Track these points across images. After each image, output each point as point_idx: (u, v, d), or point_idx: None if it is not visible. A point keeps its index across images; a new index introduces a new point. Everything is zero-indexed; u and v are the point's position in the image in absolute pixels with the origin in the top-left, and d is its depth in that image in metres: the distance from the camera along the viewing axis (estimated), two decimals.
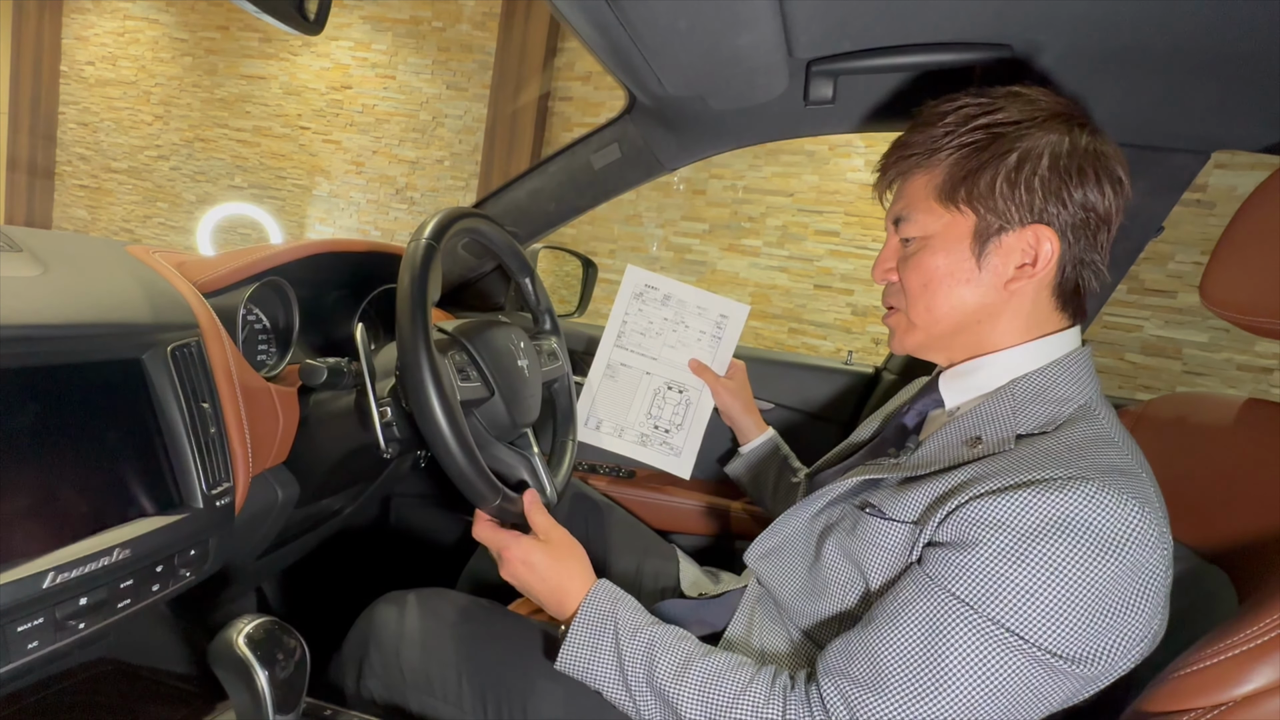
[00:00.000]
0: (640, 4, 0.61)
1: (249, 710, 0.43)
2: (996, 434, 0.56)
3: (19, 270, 0.51)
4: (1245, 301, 0.60)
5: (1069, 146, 0.56)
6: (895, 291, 0.66)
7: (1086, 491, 0.48)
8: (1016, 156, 0.57)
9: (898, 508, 0.56)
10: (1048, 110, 0.58)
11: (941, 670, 0.48)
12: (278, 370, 0.75)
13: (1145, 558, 0.47)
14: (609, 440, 0.99)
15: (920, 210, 0.61)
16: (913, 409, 0.68)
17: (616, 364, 0.99)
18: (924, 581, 0.51)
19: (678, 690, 0.56)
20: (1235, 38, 0.61)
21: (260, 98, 4.31)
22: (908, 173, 0.63)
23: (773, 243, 3.38)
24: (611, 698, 0.60)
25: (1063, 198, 0.56)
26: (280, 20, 0.50)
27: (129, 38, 4.55)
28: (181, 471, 0.56)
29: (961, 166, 0.58)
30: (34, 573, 0.44)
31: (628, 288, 0.98)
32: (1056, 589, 0.46)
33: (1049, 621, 0.47)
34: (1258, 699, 0.44)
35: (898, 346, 0.67)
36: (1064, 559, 0.47)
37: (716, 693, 0.55)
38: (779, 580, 0.67)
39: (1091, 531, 0.47)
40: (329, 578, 1.15)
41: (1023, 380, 0.59)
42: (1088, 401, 0.57)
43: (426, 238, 0.63)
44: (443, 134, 3.97)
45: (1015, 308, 0.60)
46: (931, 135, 0.60)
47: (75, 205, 4.84)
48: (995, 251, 0.58)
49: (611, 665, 0.60)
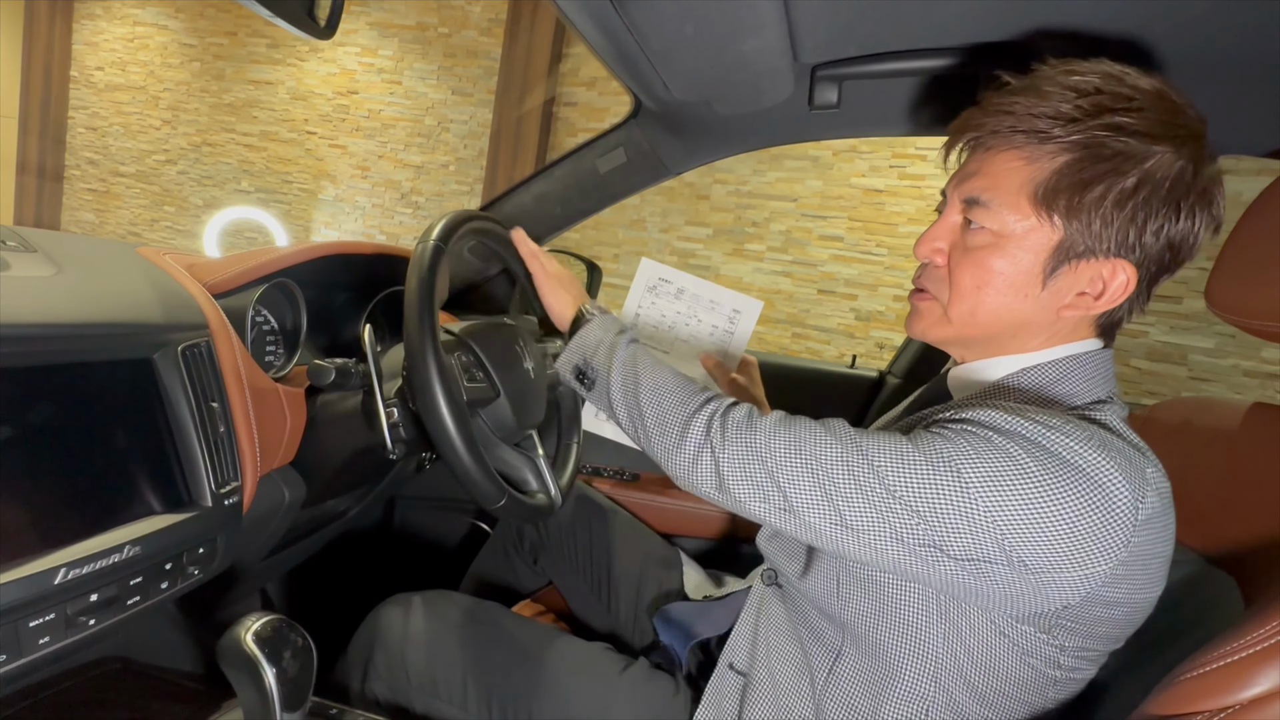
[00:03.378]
0: (647, 9, 0.62)
1: (256, 708, 0.43)
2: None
3: (33, 270, 0.52)
4: (1251, 306, 0.60)
5: (1191, 178, 0.49)
6: (937, 278, 0.58)
7: (1049, 422, 0.47)
8: (1137, 178, 0.49)
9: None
10: (1188, 129, 0.50)
11: (878, 452, 0.50)
12: (285, 371, 0.75)
13: (1105, 499, 0.45)
14: (617, 432, 0.99)
15: (1005, 203, 0.52)
16: (920, 405, 0.67)
17: None
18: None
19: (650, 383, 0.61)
20: (1239, 42, 0.61)
21: (267, 103, 4.34)
22: (1001, 146, 0.53)
23: (776, 247, 3.38)
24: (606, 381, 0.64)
25: (1160, 232, 0.50)
26: (292, 24, 0.51)
27: (138, 43, 4.59)
28: (191, 470, 0.56)
29: (1075, 171, 0.50)
30: (46, 569, 0.44)
31: (641, 280, 0.98)
32: (1013, 480, 0.46)
33: (996, 490, 0.46)
34: (1264, 702, 0.43)
35: (919, 332, 0.61)
36: (1028, 463, 0.46)
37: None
38: (785, 561, 0.66)
39: (1058, 460, 0.46)
40: (334, 579, 1.15)
41: (1033, 370, 0.55)
42: (1098, 400, 0.54)
43: (434, 239, 0.64)
44: (448, 139, 3.99)
45: (1055, 329, 0.55)
46: (1049, 112, 0.50)
47: (83, 209, 4.87)
48: (1067, 274, 0.52)
49: (605, 360, 0.65)
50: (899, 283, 3.19)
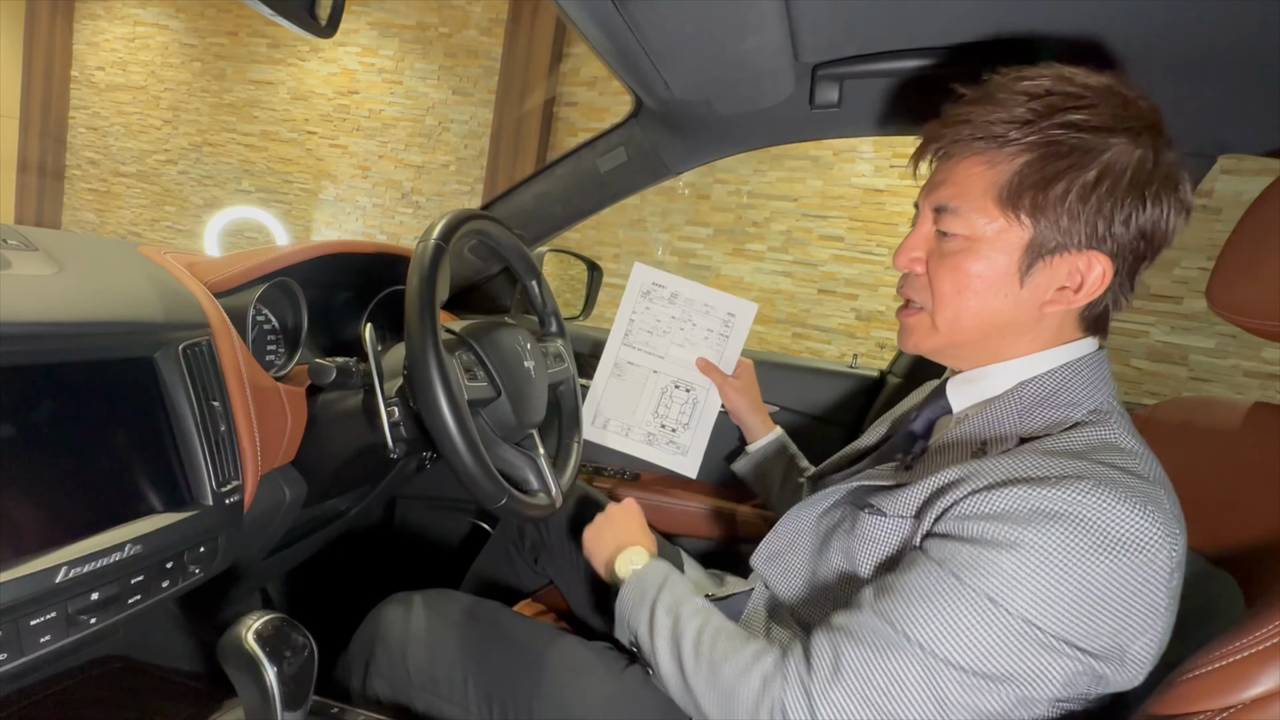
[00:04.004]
0: (647, 8, 0.62)
1: (257, 706, 0.43)
2: (1000, 438, 0.55)
3: (35, 269, 0.52)
4: (1252, 305, 0.60)
5: (1151, 166, 0.50)
6: (919, 286, 0.59)
7: (1082, 488, 0.46)
8: (1097, 171, 0.50)
9: (897, 505, 0.56)
10: (1142, 119, 0.51)
11: (927, 628, 0.47)
12: (286, 370, 0.75)
13: (1146, 559, 0.45)
14: (615, 439, 0.99)
15: (972, 207, 0.54)
16: (921, 415, 0.66)
17: (624, 362, 0.99)
18: (920, 559, 0.51)
19: (693, 647, 0.57)
20: (1240, 41, 0.61)
21: (268, 103, 4.34)
22: (963, 154, 0.55)
23: (777, 248, 3.38)
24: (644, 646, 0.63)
25: (1129, 222, 0.51)
26: (293, 23, 0.51)
27: (139, 43, 4.59)
28: (192, 469, 0.56)
29: (1034, 170, 0.51)
30: (47, 567, 0.44)
31: (635, 286, 0.98)
32: (1047, 572, 0.45)
33: (1038, 600, 0.45)
34: (1266, 702, 0.43)
35: (911, 346, 0.62)
36: (1056, 546, 0.45)
37: (726, 651, 0.56)
38: (785, 583, 0.67)
39: (1086, 524, 0.45)
40: (334, 578, 1.15)
41: (1031, 383, 0.56)
42: (1100, 406, 0.54)
43: (435, 238, 0.64)
44: (448, 139, 3.99)
45: (1043, 326, 0.56)
46: (1005, 117, 0.52)
47: (84, 208, 4.87)
48: (1042, 270, 0.53)
49: (646, 621, 0.62)
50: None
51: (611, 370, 0.99)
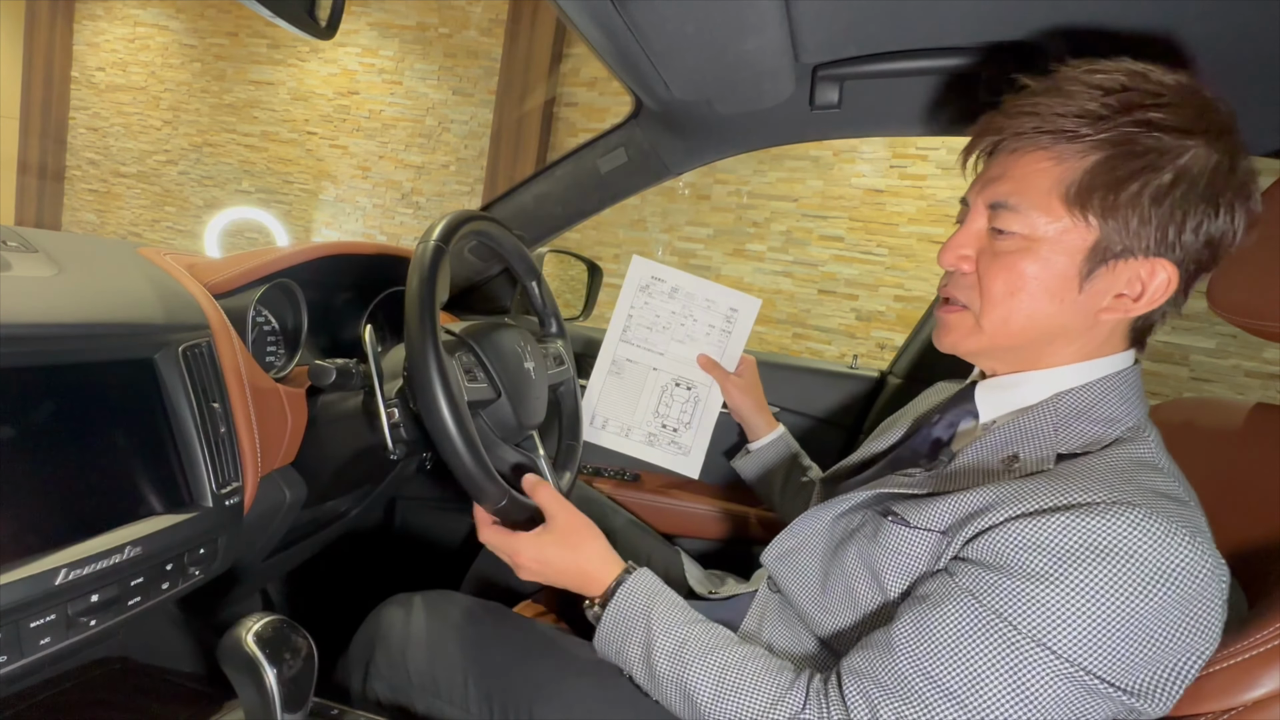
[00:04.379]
0: (647, 9, 0.62)
1: (257, 708, 0.43)
2: (1035, 452, 0.52)
3: (35, 270, 0.52)
4: (1252, 306, 0.60)
5: (1227, 172, 0.48)
6: (965, 285, 0.56)
7: (1132, 518, 0.44)
8: (1172, 174, 0.47)
9: (924, 516, 0.53)
10: (1222, 124, 0.48)
11: (971, 680, 0.45)
12: (286, 371, 0.75)
13: (1196, 590, 0.43)
14: (614, 440, 0.97)
15: (1034, 205, 0.51)
16: (943, 419, 0.63)
17: (622, 360, 0.96)
18: (955, 591, 0.48)
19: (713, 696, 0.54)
20: (1240, 42, 0.61)
21: (268, 103, 4.34)
22: (1027, 148, 0.51)
23: (777, 248, 3.38)
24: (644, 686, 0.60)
25: (1199, 230, 0.49)
26: (293, 24, 0.51)
27: (139, 44, 4.60)
28: (192, 470, 0.56)
29: (1107, 169, 0.48)
30: (47, 569, 0.44)
31: (633, 280, 0.94)
32: (1097, 613, 0.43)
33: (1090, 644, 0.43)
34: (1268, 703, 0.43)
35: (949, 345, 0.59)
36: (1106, 585, 0.43)
37: (747, 701, 0.53)
38: (795, 583, 0.65)
39: (1136, 559, 0.43)
40: (334, 580, 1.15)
41: (1067, 395, 0.53)
42: (1136, 424, 0.52)
43: (435, 240, 0.64)
44: (448, 139, 3.99)
45: (1093, 335, 0.53)
46: (1076, 111, 0.49)
47: (84, 209, 4.88)
48: (1104, 275, 0.50)
49: (641, 662, 0.59)
50: (899, 283, 3.19)
51: (609, 368, 0.96)
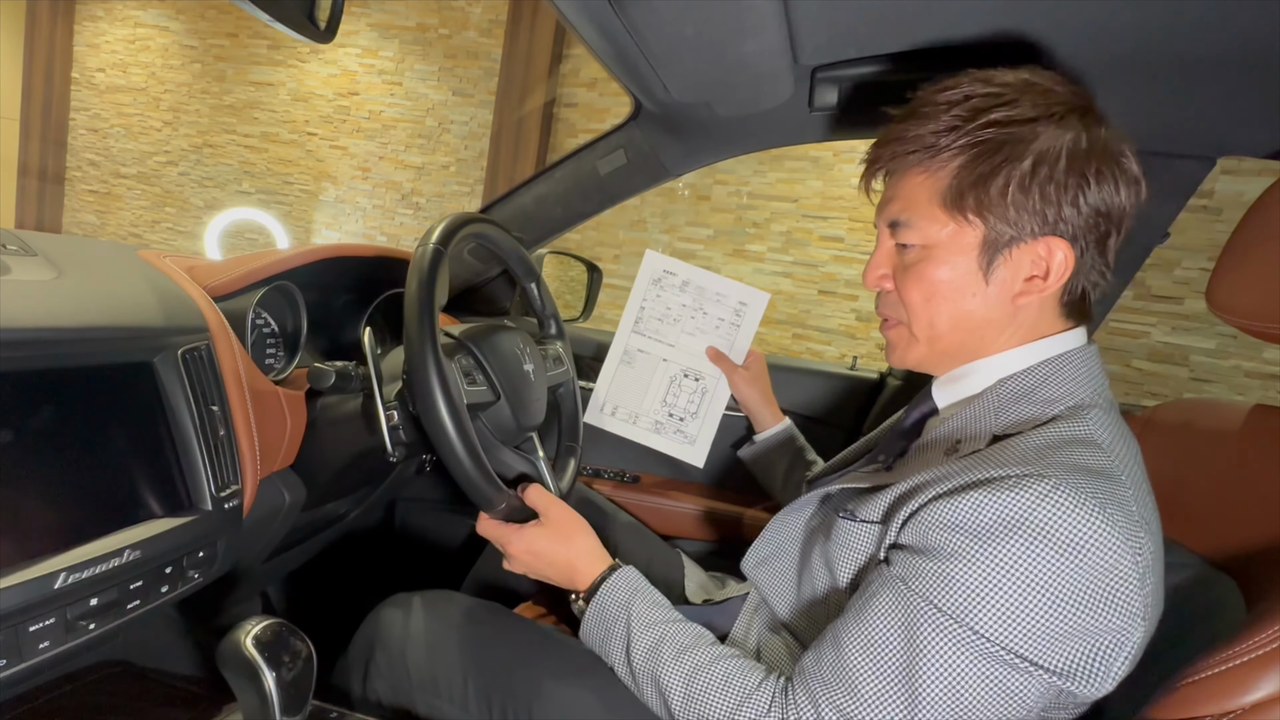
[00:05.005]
0: (646, 11, 0.62)
1: (256, 711, 0.43)
2: (974, 436, 0.54)
3: (34, 274, 0.52)
4: (1252, 307, 0.60)
5: (1086, 145, 0.51)
6: (892, 302, 0.60)
7: (1039, 489, 0.45)
8: (1032, 160, 0.51)
9: (868, 509, 0.55)
10: (1065, 104, 0.52)
11: (905, 666, 0.47)
12: (286, 374, 0.75)
13: (1108, 561, 0.44)
14: (621, 426, 0.98)
15: (921, 216, 0.56)
16: (910, 416, 0.66)
17: (633, 350, 0.97)
18: (889, 579, 0.50)
19: (683, 696, 0.56)
20: (1241, 43, 0.61)
21: (268, 104, 4.34)
22: (903, 169, 0.57)
23: (777, 248, 3.38)
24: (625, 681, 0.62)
25: (1078, 203, 0.52)
26: (291, 28, 0.51)
27: (139, 45, 4.60)
28: (191, 474, 0.56)
29: (970, 171, 0.53)
30: (46, 573, 0.44)
31: (646, 273, 0.96)
32: (1012, 589, 0.45)
33: (1007, 621, 0.45)
34: (1267, 707, 0.43)
35: (898, 360, 0.63)
36: (1017, 559, 0.45)
37: (715, 701, 0.55)
38: (772, 588, 0.67)
39: (1045, 531, 0.45)
40: (334, 581, 1.15)
41: (1010, 380, 0.56)
42: (1080, 403, 0.53)
43: (434, 243, 0.64)
44: (448, 140, 3.99)
45: (1020, 319, 0.56)
46: (933, 129, 0.54)
47: (84, 210, 4.88)
48: (1004, 264, 0.54)
49: (621, 657, 0.61)
50: None
51: (621, 357, 0.97)
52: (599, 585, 0.64)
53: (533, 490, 0.68)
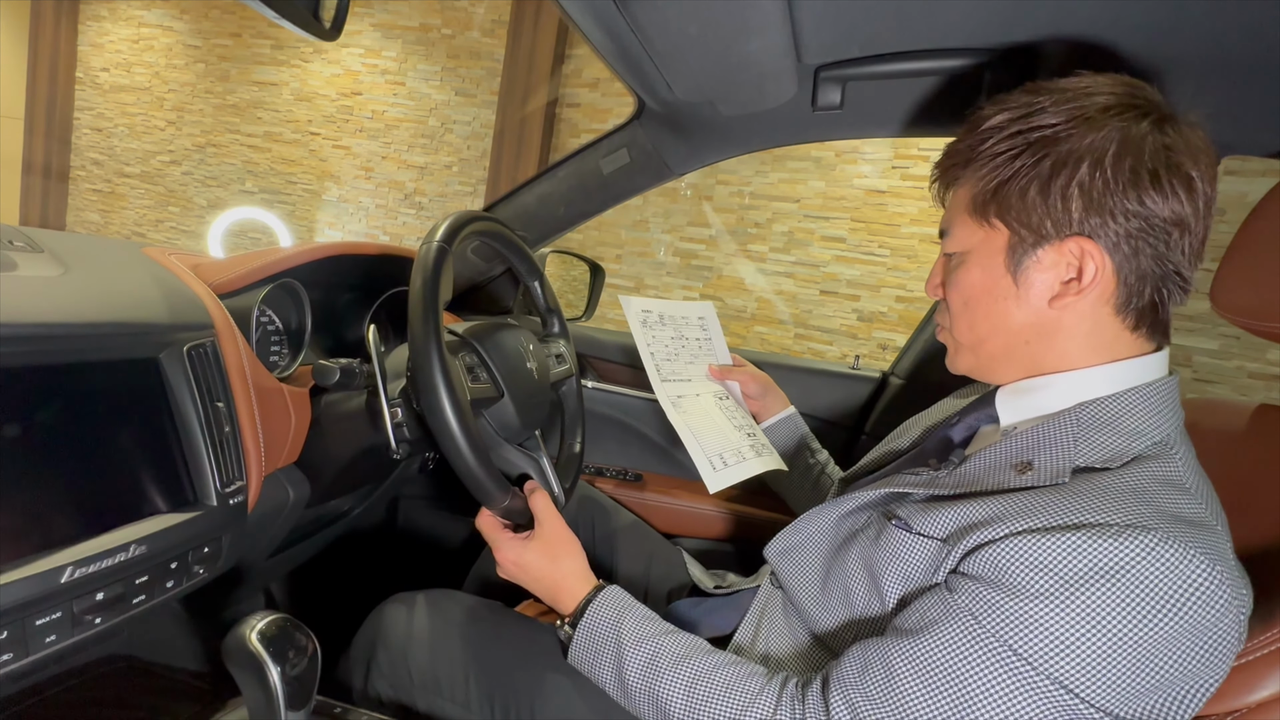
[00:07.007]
0: (651, 9, 0.62)
1: (261, 706, 0.43)
2: (1051, 462, 0.51)
3: (41, 270, 0.52)
4: (1256, 307, 0.60)
5: (1118, 147, 0.50)
6: (943, 309, 0.62)
7: (1146, 543, 0.43)
8: (1051, 164, 0.51)
9: (926, 523, 0.53)
10: (1100, 104, 0.51)
11: (963, 701, 0.45)
12: (290, 371, 0.76)
13: (1211, 617, 0.42)
14: (742, 471, 0.88)
15: (958, 224, 0.59)
16: (963, 421, 0.63)
17: (675, 398, 0.92)
18: (955, 611, 0.48)
19: (684, 705, 0.55)
20: (1243, 42, 0.61)
21: (271, 104, 4.35)
22: (952, 182, 0.60)
23: (779, 248, 3.38)
24: (619, 701, 0.61)
25: (1108, 206, 0.50)
26: (297, 26, 0.51)
27: (143, 44, 4.61)
28: (196, 470, 0.56)
29: (992, 177, 0.54)
30: (53, 567, 0.45)
31: (633, 319, 0.94)
32: (1100, 641, 0.42)
33: (1091, 672, 0.43)
34: (1271, 705, 0.43)
35: (951, 367, 0.64)
36: (1113, 611, 0.42)
37: (721, 708, 0.54)
38: (796, 579, 0.65)
39: (1146, 586, 0.42)
40: (337, 578, 1.16)
41: (1093, 405, 0.53)
42: (1165, 439, 0.51)
43: (438, 240, 0.64)
44: (451, 140, 3.99)
45: (1071, 327, 0.54)
46: (970, 142, 0.56)
47: (88, 209, 4.89)
48: (1033, 267, 0.54)
49: (613, 677, 0.60)
50: (901, 284, 3.18)
51: (677, 414, 0.90)
52: (585, 607, 0.63)
53: (536, 497, 0.68)
